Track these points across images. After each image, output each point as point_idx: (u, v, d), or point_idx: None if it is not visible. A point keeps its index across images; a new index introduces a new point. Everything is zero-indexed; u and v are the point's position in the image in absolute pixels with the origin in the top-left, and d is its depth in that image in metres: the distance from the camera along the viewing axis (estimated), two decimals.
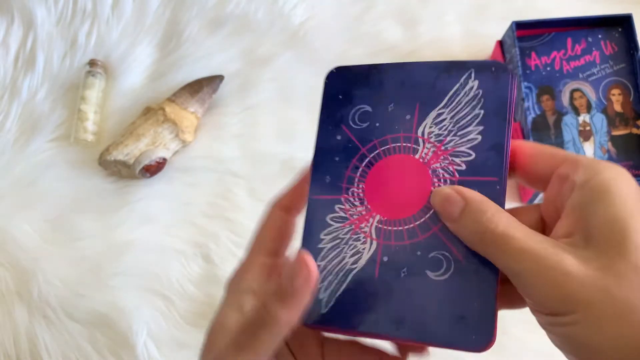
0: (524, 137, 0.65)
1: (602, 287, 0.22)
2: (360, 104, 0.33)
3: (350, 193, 0.32)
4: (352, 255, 0.31)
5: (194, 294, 0.65)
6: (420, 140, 0.31)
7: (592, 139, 0.66)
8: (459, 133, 0.30)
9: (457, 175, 0.29)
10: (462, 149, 0.30)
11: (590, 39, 0.68)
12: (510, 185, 0.68)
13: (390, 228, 0.30)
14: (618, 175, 0.24)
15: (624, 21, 0.68)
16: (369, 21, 0.76)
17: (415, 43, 0.74)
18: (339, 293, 0.31)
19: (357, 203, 0.31)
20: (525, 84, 0.67)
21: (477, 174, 0.29)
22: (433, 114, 0.31)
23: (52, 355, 0.63)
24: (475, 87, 0.30)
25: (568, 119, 0.67)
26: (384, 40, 0.75)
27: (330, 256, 0.31)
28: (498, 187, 0.28)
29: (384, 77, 0.33)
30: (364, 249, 0.31)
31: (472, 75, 0.30)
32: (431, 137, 0.30)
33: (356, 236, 0.31)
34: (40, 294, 0.65)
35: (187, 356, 0.63)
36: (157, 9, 0.77)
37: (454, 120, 0.30)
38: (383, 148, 0.32)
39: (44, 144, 0.73)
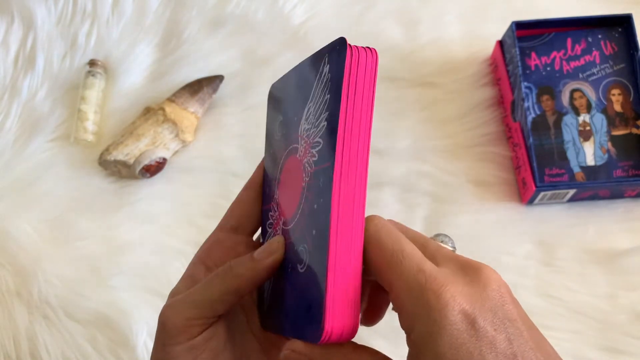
0: (524, 137, 0.65)
1: None
2: (278, 115, 0.33)
3: (274, 200, 0.33)
4: None
5: None
6: (300, 139, 0.30)
7: (592, 139, 0.66)
8: (316, 123, 0.28)
9: (313, 167, 0.28)
10: (317, 139, 0.28)
11: (590, 39, 0.68)
12: (511, 185, 0.68)
13: (286, 227, 0.31)
14: (434, 328, 0.23)
15: (624, 21, 0.68)
16: (369, 21, 0.76)
17: (415, 43, 0.74)
18: (268, 296, 0.32)
19: (276, 208, 0.33)
20: (525, 84, 0.67)
21: (322, 162, 0.27)
22: (305, 111, 0.30)
23: (52, 355, 0.63)
24: (326, 72, 0.28)
25: (568, 119, 0.67)
26: (384, 40, 0.75)
27: None
28: (331, 172, 0.26)
29: (289, 84, 0.33)
30: None
31: (326, 60, 0.28)
32: (304, 134, 0.30)
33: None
34: (40, 294, 0.65)
35: None
36: (157, 9, 0.77)
37: (316, 111, 0.29)
38: (286, 153, 0.32)
39: (44, 144, 0.73)
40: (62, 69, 0.76)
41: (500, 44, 0.70)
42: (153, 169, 0.69)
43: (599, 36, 0.68)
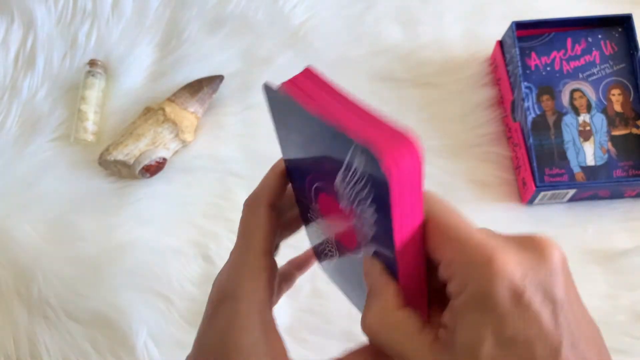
0: (524, 137, 0.65)
1: None
2: (293, 134, 0.31)
3: (313, 207, 0.33)
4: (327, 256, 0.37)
5: (194, 294, 0.65)
6: (338, 192, 0.29)
7: (592, 139, 0.66)
8: (361, 203, 0.27)
9: (369, 240, 0.28)
10: (367, 217, 0.27)
11: (590, 39, 0.68)
12: (511, 185, 0.68)
13: (338, 250, 0.34)
14: (482, 297, 0.24)
15: (624, 21, 0.68)
16: (369, 21, 0.76)
17: (415, 43, 0.75)
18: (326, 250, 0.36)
19: (318, 218, 0.34)
20: (525, 84, 0.67)
21: (381, 246, 0.28)
22: (339, 175, 0.27)
23: (52, 355, 0.63)
24: (359, 169, 0.25)
25: (568, 119, 0.67)
26: (384, 40, 0.75)
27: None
28: (395, 264, 0.27)
29: (300, 116, 0.28)
30: (330, 254, 0.36)
31: (355, 154, 0.25)
32: (343, 194, 0.28)
33: (326, 242, 0.36)
34: (40, 294, 0.65)
35: None
36: (157, 9, 0.77)
37: (353, 192, 0.27)
38: (318, 183, 0.31)
39: (44, 144, 0.73)
40: (62, 69, 0.76)
41: (500, 44, 0.70)
42: (153, 169, 0.69)
43: (599, 36, 0.68)
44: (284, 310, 0.63)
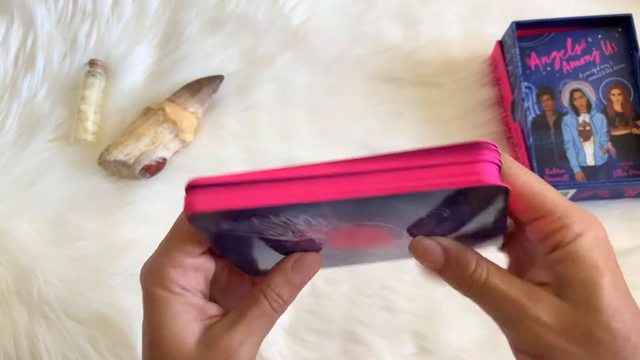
0: (524, 137, 0.65)
1: (575, 339, 0.26)
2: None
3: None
4: None
5: None
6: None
7: (592, 139, 0.66)
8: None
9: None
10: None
11: (590, 39, 0.68)
12: None
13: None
14: (592, 241, 0.28)
15: (624, 21, 0.68)
16: (369, 21, 0.76)
17: (415, 43, 0.75)
18: None
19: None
20: (525, 84, 0.67)
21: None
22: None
23: (52, 355, 0.63)
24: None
25: (568, 119, 0.67)
26: (384, 40, 0.75)
27: None
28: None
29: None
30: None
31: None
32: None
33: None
34: (40, 294, 0.65)
35: None
36: (157, 9, 0.77)
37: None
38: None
39: (44, 144, 0.73)
40: (62, 69, 0.76)
41: (500, 44, 0.70)
42: (153, 169, 0.69)
43: (599, 36, 0.68)
44: None
